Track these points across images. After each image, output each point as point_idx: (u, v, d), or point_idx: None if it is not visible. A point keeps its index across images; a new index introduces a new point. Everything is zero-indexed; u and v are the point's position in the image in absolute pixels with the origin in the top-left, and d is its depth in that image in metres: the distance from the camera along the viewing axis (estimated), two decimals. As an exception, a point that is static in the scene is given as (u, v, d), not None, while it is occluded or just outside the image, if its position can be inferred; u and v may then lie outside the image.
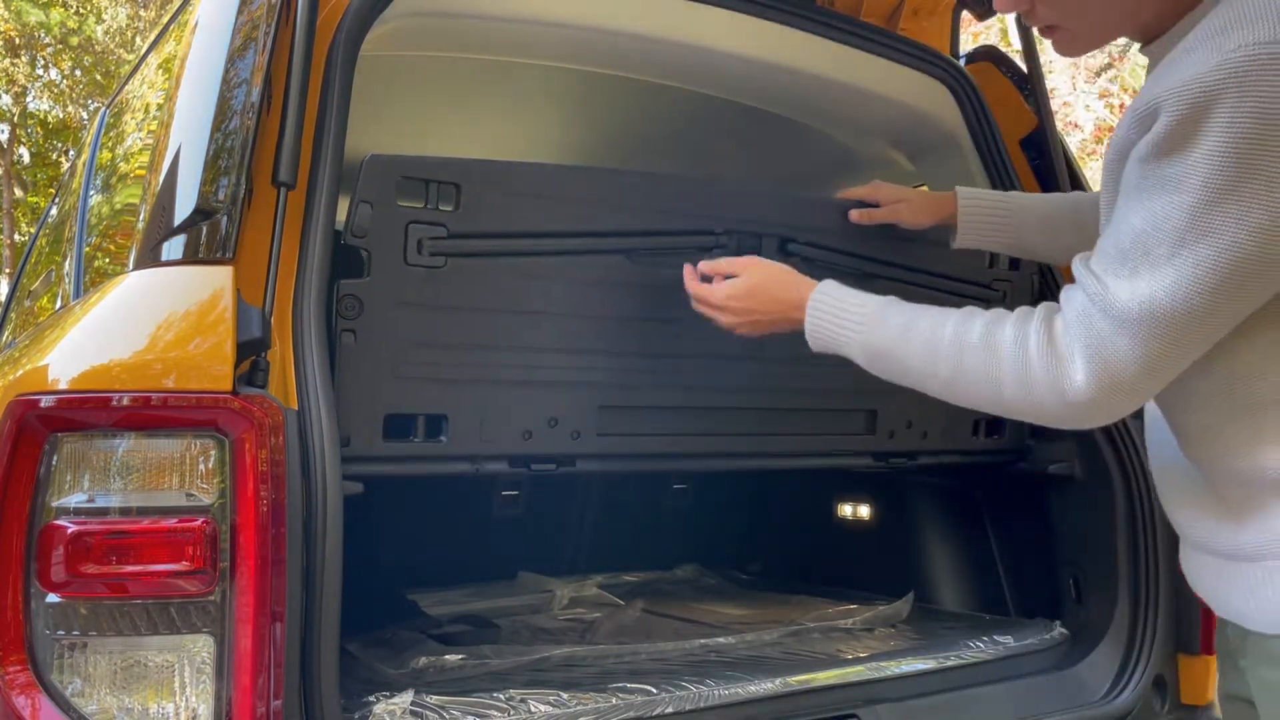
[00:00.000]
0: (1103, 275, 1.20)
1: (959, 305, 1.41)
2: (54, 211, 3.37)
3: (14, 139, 14.15)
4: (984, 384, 1.31)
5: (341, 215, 1.66)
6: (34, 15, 12.27)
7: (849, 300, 1.51)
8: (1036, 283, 2.25)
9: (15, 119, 14.00)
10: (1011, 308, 1.34)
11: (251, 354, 1.42)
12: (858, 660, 2.08)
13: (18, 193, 14.13)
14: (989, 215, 1.90)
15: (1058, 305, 1.27)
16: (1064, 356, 1.22)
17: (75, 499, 1.33)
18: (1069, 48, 1.34)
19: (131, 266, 1.60)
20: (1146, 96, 1.15)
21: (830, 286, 1.55)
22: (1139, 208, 1.17)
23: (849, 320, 1.49)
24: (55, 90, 14.01)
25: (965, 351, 1.32)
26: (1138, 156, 1.17)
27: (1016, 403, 1.28)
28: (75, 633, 1.32)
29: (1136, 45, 1.31)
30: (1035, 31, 1.45)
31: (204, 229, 1.49)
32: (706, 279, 1.74)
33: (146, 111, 2.13)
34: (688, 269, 1.77)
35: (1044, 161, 2.40)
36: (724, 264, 1.71)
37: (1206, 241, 1.11)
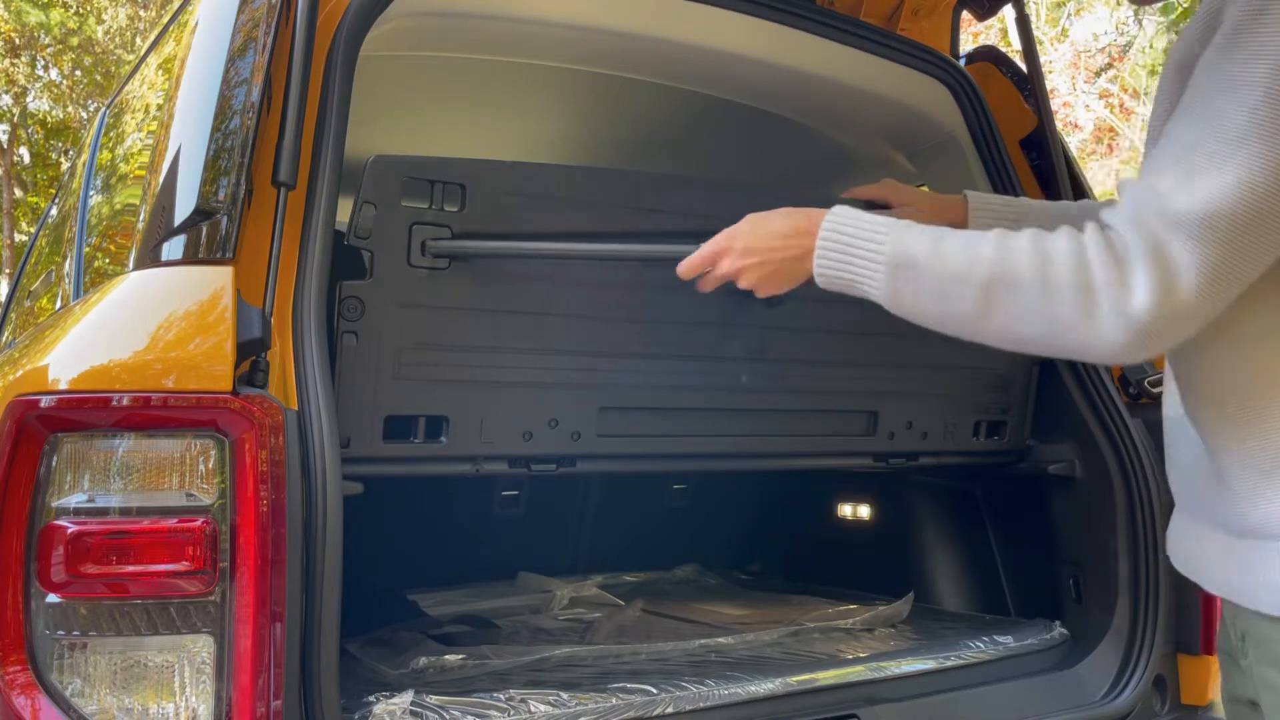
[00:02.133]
0: (1156, 184, 1.12)
1: None
2: (54, 212, 3.37)
3: (14, 139, 14.15)
4: (1032, 296, 1.17)
5: (343, 216, 1.66)
6: (34, 16, 12.27)
7: (871, 217, 1.35)
8: None
9: (15, 119, 14.00)
10: None
11: (251, 354, 1.42)
12: (858, 660, 2.08)
13: (18, 193, 14.13)
14: (998, 217, 1.85)
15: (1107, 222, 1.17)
16: (1126, 264, 1.11)
17: (75, 499, 1.33)
18: None
19: (131, 266, 1.60)
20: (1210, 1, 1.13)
21: (845, 208, 1.38)
22: (1195, 112, 1.12)
23: (871, 232, 1.32)
24: (55, 91, 14.01)
25: (1012, 255, 1.18)
26: (1203, 63, 1.13)
27: (1068, 320, 1.15)
28: (75, 633, 1.32)
29: (1136, 45, 1.32)
30: (1036, 32, 1.46)
31: (204, 229, 1.49)
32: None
33: (146, 112, 2.13)
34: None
35: (1044, 161, 2.41)
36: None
37: (1271, 140, 1.07)
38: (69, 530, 1.31)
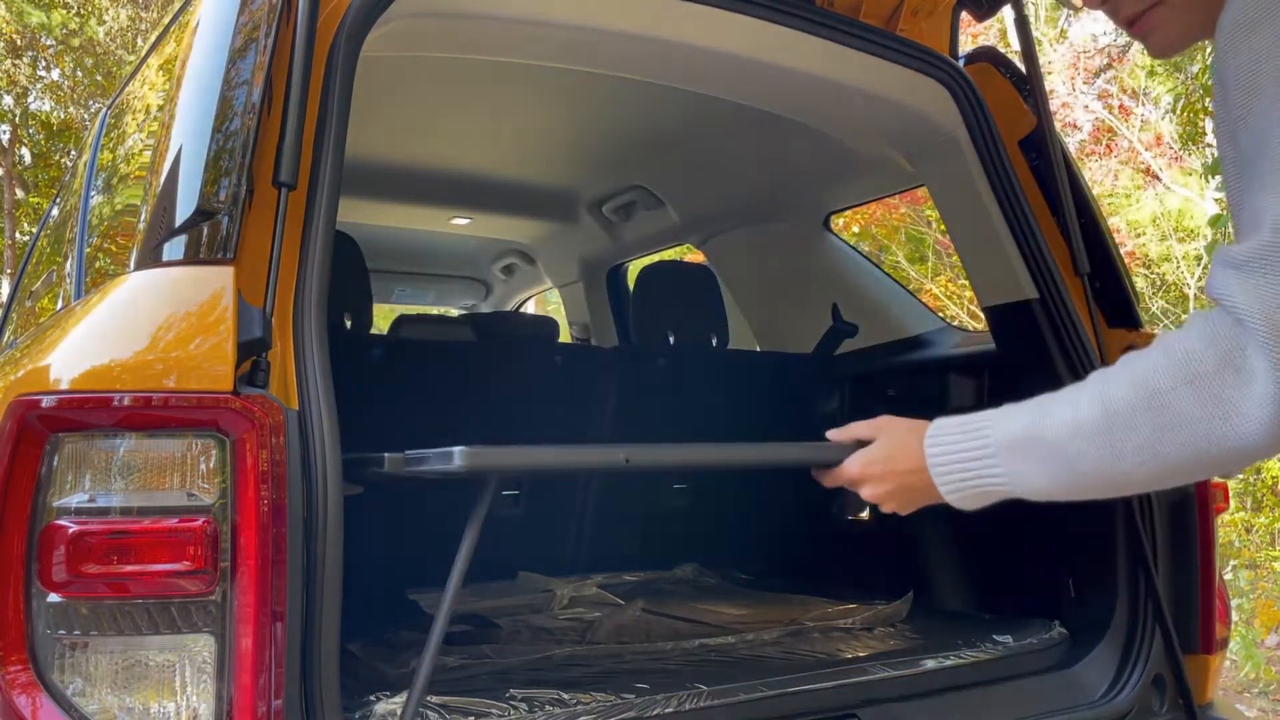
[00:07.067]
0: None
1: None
2: (55, 212, 3.37)
3: (15, 140, 14.16)
4: (1148, 415, 1.04)
5: (343, 216, 1.66)
6: (35, 16, 12.27)
7: (965, 418, 1.26)
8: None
9: (17, 120, 14.00)
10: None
11: (252, 354, 1.42)
12: (858, 660, 2.08)
13: (19, 193, 14.13)
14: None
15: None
16: (1232, 339, 0.99)
17: (76, 499, 1.33)
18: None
19: (132, 267, 1.60)
20: None
21: (939, 424, 1.31)
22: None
23: (970, 431, 1.23)
24: (57, 91, 14.01)
25: (1152, 376, 1.04)
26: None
27: (1200, 422, 1.01)
28: (76, 632, 1.33)
29: (1135, 45, 1.31)
30: (1035, 33, 1.44)
31: (205, 229, 1.49)
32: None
33: (147, 112, 2.13)
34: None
35: (1043, 162, 2.41)
36: (854, 428, 1.47)
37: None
38: (70, 530, 1.31)
